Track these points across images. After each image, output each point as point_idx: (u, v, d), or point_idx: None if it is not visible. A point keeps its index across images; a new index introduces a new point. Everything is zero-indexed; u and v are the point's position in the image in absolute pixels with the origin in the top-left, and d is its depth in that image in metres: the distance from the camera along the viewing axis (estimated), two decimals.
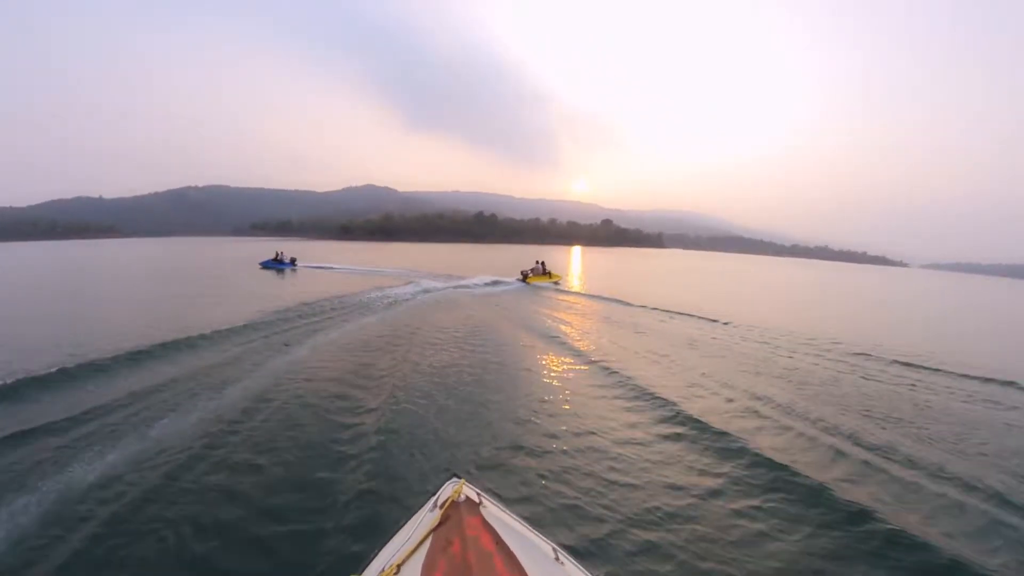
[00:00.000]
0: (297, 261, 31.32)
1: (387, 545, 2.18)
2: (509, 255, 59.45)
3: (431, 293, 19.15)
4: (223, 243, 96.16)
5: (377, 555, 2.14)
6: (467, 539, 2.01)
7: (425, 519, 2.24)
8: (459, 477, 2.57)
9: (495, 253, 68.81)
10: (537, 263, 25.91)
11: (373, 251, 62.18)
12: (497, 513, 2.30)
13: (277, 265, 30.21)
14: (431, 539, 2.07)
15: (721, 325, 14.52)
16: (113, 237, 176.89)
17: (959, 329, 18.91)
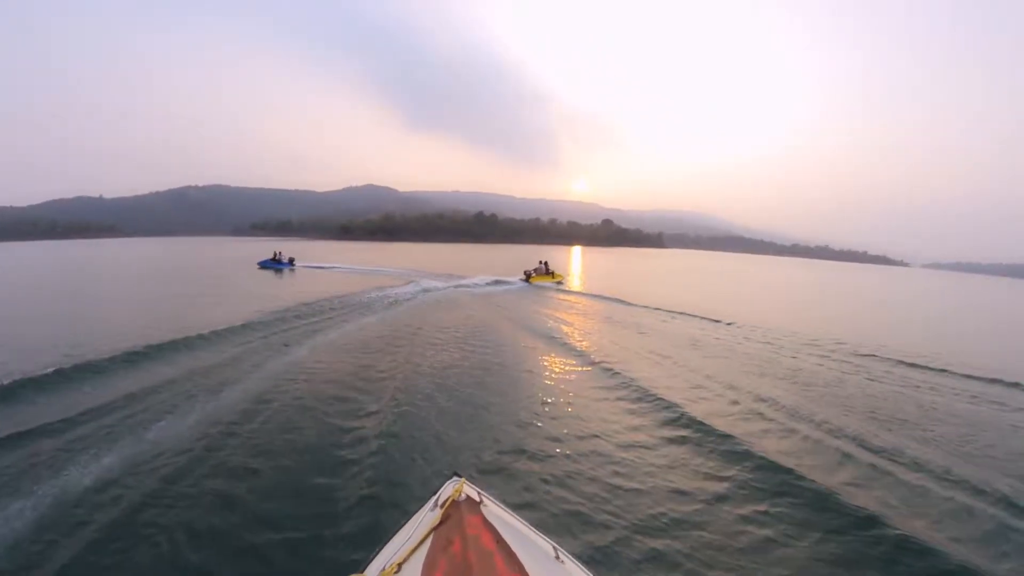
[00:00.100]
0: (295, 261, 31.31)
1: (388, 544, 2.18)
2: (509, 255, 59.46)
3: (431, 293, 19.12)
4: (223, 243, 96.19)
5: (378, 554, 2.14)
6: (468, 538, 2.01)
7: (426, 518, 2.24)
8: (460, 476, 2.54)
9: (495, 253, 68.78)
10: (540, 263, 25.99)
11: (373, 251, 62.20)
12: (498, 512, 2.30)
13: (275, 265, 30.17)
14: (432, 538, 2.08)
15: (724, 325, 14.46)
16: (113, 237, 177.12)
17: (961, 329, 18.86)
